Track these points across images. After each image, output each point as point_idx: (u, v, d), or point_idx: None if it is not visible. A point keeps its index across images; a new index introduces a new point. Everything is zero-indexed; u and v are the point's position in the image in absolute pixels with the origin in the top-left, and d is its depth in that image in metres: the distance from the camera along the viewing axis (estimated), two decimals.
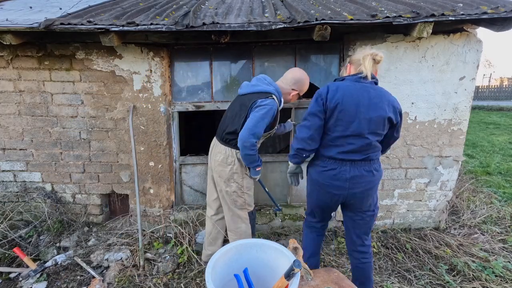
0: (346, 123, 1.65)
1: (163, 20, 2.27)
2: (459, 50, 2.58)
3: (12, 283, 2.34)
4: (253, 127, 1.81)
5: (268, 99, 1.87)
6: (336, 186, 1.73)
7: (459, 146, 2.80)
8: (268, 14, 2.47)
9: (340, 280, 1.45)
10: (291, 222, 3.02)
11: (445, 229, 2.96)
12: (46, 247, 2.69)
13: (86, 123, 2.82)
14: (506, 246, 2.68)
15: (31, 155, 2.89)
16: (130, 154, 2.86)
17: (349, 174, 1.69)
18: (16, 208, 2.90)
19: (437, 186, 2.91)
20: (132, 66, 2.70)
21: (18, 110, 2.79)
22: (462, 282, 2.26)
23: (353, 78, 1.72)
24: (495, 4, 2.27)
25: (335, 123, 1.67)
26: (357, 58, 1.74)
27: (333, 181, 1.73)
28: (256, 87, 1.96)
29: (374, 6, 2.55)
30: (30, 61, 2.68)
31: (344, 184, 1.71)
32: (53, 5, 2.99)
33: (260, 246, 1.40)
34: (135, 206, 2.91)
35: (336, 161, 1.71)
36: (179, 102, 2.91)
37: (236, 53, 2.86)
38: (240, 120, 1.92)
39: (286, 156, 3.02)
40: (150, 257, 2.59)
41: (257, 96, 1.90)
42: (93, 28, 2.15)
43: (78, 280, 2.37)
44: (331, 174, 1.72)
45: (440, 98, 2.68)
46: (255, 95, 1.92)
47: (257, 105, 1.85)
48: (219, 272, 1.30)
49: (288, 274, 1.08)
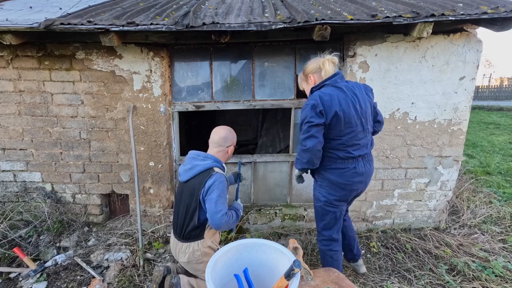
0: (352, 124, 1.76)
1: (163, 20, 2.27)
2: (459, 50, 2.58)
3: (12, 283, 2.34)
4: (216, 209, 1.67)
5: (212, 176, 1.72)
6: (357, 181, 1.86)
7: (459, 146, 2.80)
8: (268, 14, 2.47)
9: (340, 280, 1.45)
10: (291, 222, 3.02)
11: (445, 229, 2.96)
12: (46, 247, 2.69)
13: (86, 123, 2.82)
14: (506, 246, 2.68)
15: (31, 155, 2.89)
16: (130, 154, 2.86)
17: (363, 169, 1.85)
18: (16, 208, 2.90)
19: (437, 186, 2.91)
20: (132, 66, 2.70)
21: (18, 110, 2.79)
22: (462, 282, 2.26)
23: (331, 83, 1.80)
24: (495, 4, 2.27)
25: (344, 127, 1.75)
26: (315, 66, 1.87)
27: (354, 178, 1.84)
28: (194, 169, 1.79)
29: (374, 6, 2.55)
30: (30, 61, 2.68)
31: (361, 178, 1.86)
32: (53, 5, 2.99)
33: (260, 246, 1.41)
34: (135, 206, 2.91)
35: (354, 159, 1.82)
36: (179, 102, 2.91)
37: (236, 53, 2.86)
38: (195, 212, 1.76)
39: (286, 156, 3.02)
40: (150, 257, 2.59)
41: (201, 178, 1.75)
42: (93, 28, 2.15)
43: (78, 280, 2.37)
44: (352, 172, 1.83)
45: (440, 98, 2.68)
46: (198, 178, 1.76)
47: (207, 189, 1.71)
48: (219, 272, 1.30)
49: (288, 274, 1.08)
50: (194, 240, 1.80)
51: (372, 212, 2.99)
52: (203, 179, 1.72)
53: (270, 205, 3.12)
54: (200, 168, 1.77)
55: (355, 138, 1.79)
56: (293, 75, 2.88)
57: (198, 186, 1.72)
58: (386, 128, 2.76)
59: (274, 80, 2.90)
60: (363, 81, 2.66)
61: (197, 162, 1.80)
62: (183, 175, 1.84)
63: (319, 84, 1.85)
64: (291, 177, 3.07)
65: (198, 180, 1.75)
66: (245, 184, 3.10)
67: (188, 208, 1.79)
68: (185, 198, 1.81)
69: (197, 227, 1.79)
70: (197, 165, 1.79)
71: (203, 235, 1.82)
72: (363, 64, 2.63)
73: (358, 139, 1.80)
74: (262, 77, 2.90)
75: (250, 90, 2.91)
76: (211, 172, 1.74)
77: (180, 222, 1.83)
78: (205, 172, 1.76)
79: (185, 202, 1.81)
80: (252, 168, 3.07)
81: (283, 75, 2.89)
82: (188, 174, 1.80)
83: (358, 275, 2.36)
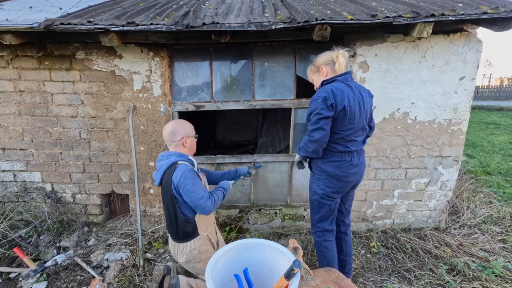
0: (355, 121, 1.86)
1: (163, 20, 2.27)
2: (459, 50, 2.58)
3: (12, 283, 2.34)
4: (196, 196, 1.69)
5: (176, 168, 1.74)
6: (352, 173, 1.96)
7: (459, 146, 2.80)
8: (268, 14, 2.47)
9: (340, 280, 1.45)
10: (291, 222, 3.02)
11: (445, 229, 2.96)
12: (46, 247, 2.69)
13: (86, 123, 2.82)
14: (506, 246, 2.68)
15: (31, 155, 2.89)
16: (130, 154, 2.87)
17: (358, 160, 1.96)
18: (16, 208, 2.90)
19: (437, 186, 2.91)
20: (132, 66, 2.70)
21: (18, 110, 2.79)
22: (462, 282, 2.26)
23: (343, 80, 1.88)
24: (495, 4, 2.27)
25: (348, 121, 1.84)
26: (328, 58, 1.93)
27: (350, 170, 1.94)
28: (160, 169, 1.83)
29: (374, 6, 2.55)
30: (30, 61, 2.68)
31: (356, 170, 1.97)
32: (53, 5, 2.99)
33: (260, 246, 1.41)
34: (135, 206, 2.91)
35: (351, 153, 1.92)
36: (179, 102, 2.91)
37: (236, 53, 2.86)
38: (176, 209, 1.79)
39: (286, 156, 3.02)
40: (150, 257, 2.59)
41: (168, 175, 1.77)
42: (93, 28, 2.15)
43: (78, 280, 2.37)
44: (349, 165, 1.93)
45: (440, 98, 2.68)
46: (166, 176, 1.79)
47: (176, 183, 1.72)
48: (219, 272, 1.30)
49: (288, 274, 1.08)
50: (189, 239, 1.82)
51: (372, 212, 2.99)
52: (170, 174, 1.76)
53: (270, 205, 3.12)
54: (164, 167, 1.81)
55: (354, 134, 1.89)
56: (293, 75, 2.88)
57: (169, 182, 1.76)
58: (386, 128, 2.76)
59: (274, 80, 2.90)
60: (363, 81, 2.66)
61: (162, 162, 1.84)
62: (155, 179, 1.88)
63: (330, 79, 1.92)
64: (291, 177, 3.07)
65: (167, 177, 1.78)
66: (245, 184, 3.10)
67: (169, 207, 1.82)
68: (166, 201, 1.84)
69: (187, 223, 1.80)
70: (162, 164, 1.83)
71: (197, 230, 1.84)
72: (363, 64, 2.63)
73: (356, 136, 1.91)
74: (262, 77, 2.90)
75: (250, 90, 2.91)
76: (175, 166, 1.77)
77: (170, 224, 1.87)
78: (170, 168, 1.79)
79: (166, 203, 1.85)
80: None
81: (283, 75, 2.89)
82: (157, 175, 1.85)
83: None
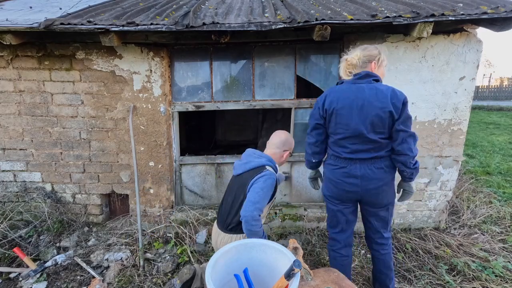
0: (344, 126, 1.74)
1: (163, 20, 2.27)
2: (459, 50, 2.58)
3: (12, 283, 2.34)
4: (254, 199, 1.70)
5: (263, 172, 1.79)
6: (348, 183, 1.81)
7: (459, 146, 2.80)
8: (268, 14, 2.47)
9: (340, 280, 1.45)
10: (291, 222, 3.02)
11: (445, 229, 2.96)
12: (46, 247, 2.69)
13: (86, 123, 2.82)
14: (506, 246, 2.68)
15: (31, 155, 2.89)
16: (130, 154, 2.86)
17: (359, 172, 1.77)
18: (16, 208, 2.90)
19: (437, 186, 2.91)
20: (132, 66, 2.70)
21: (18, 110, 2.79)
22: (462, 282, 2.26)
23: (350, 80, 1.79)
24: (495, 4, 2.27)
25: (336, 126, 1.78)
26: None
27: (345, 178, 1.82)
28: (248, 164, 1.88)
29: (374, 6, 2.55)
30: (30, 61, 2.68)
31: (356, 181, 1.79)
32: (53, 5, 2.99)
33: (260, 246, 1.40)
34: (135, 206, 2.91)
35: (345, 160, 1.80)
36: (179, 102, 2.91)
37: (236, 53, 2.86)
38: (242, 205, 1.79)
39: None
40: (150, 257, 2.59)
41: (252, 173, 1.83)
42: (93, 28, 2.15)
43: (78, 280, 2.37)
44: (342, 172, 1.82)
45: (440, 98, 2.68)
46: (250, 173, 1.84)
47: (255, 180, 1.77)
48: (219, 272, 1.30)
49: (288, 274, 1.08)
50: (237, 233, 1.85)
51: None
52: (254, 174, 1.80)
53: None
54: (253, 164, 1.86)
55: (347, 141, 1.75)
56: (293, 75, 2.88)
57: (249, 180, 1.80)
58: None
59: (274, 80, 2.90)
60: None
61: (252, 159, 1.90)
62: (237, 169, 1.94)
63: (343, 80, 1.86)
64: (291, 177, 3.07)
65: (250, 174, 1.83)
66: None
67: (235, 199, 1.86)
68: (234, 190, 1.90)
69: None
70: (251, 161, 1.88)
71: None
72: None
73: (351, 143, 1.75)
74: (262, 77, 2.90)
75: (250, 90, 2.91)
76: (262, 169, 1.82)
77: (225, 213, 1.90)
78: (257, 168, 1.84)
79: (234, 194, 1.89)
80: None
81: (283, 75, 2.89)
82: (242, 168, 1.90)
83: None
